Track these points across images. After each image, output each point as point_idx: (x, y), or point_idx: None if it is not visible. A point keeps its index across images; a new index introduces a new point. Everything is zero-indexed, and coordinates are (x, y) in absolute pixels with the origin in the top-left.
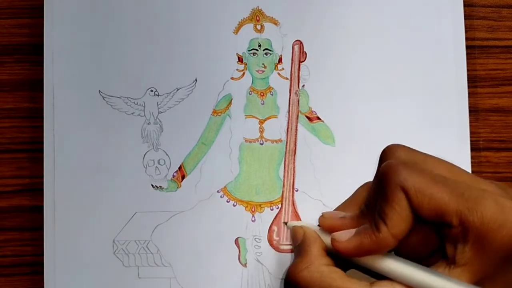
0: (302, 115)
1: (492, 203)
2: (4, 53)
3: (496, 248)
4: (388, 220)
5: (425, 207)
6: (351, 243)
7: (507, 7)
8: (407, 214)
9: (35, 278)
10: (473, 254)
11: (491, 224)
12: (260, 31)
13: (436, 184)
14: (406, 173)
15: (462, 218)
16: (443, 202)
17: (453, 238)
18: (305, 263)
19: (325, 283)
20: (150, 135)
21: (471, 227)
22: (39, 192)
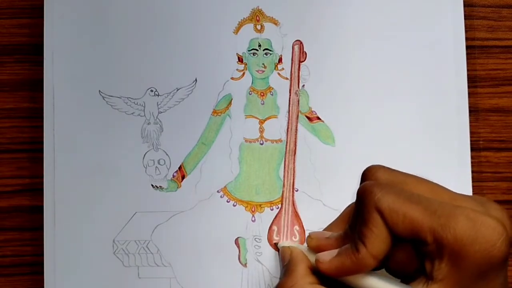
0: (302, 115)
1: (464, 219)
2: (4, 53)
3: (470, 263)
4: (366, 241)
5: (400, 226)
6: (333, 264)
7: (507, 7)
8: (384, 235)
9: (35, 278)
10: (449, 269)
11: (464, 240)
12: (260, 31)
13: (410, 203)
14: (380, 194)
15: (435, 235)
16: (416, 220)
17: (429, 254)
18: (290, 282)
19: None
20: (150, 135)
21: (445, 244)
22: (39, 192)
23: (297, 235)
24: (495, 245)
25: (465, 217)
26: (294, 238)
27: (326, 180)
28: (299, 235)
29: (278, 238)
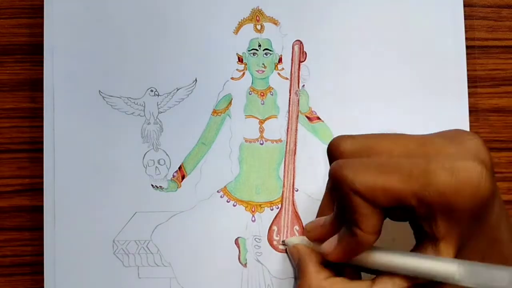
0: (302, 115)
1: (441, 171)
2: (4, 53)
3: (463, 211)
4: (358, 224)
5: (382, 199)
6: (338, 252)
7: (507, 7)
8: (372, 211)
9: (35, 278)
10: (445, 225)
11: (447, 192)
12: (260, 31)
13: (383, 174)
14: (351, 175)
15: (419, 197)
16: (395, 190)
17: (422, 217)
18: (305, 284)
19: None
20: (150, 135)
21: (431, 202)
22: (39, 192)
23: (297, 235)
24: (480, 185)
25: (441, 169)
26: None
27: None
28: (299, 235)
29: (278, 238)
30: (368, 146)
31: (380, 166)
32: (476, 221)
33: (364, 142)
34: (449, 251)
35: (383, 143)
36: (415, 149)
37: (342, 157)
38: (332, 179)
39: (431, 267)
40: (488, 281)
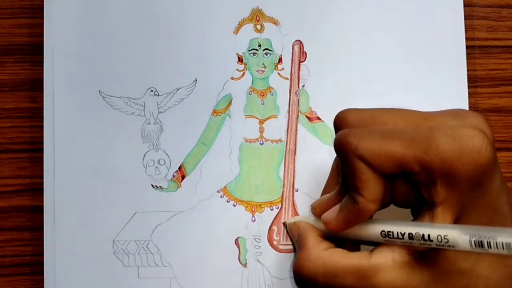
0: (302, 115)
1: (443, 137)
2: (4, 53)
3: (463, 177)
4: (360, 191)
5: (385, 165)
6: (339, 220)
7: (507, 7)
8: (374, 178)
9: (35, 278)
10: (445, 190)
11: (449, 157)
12: (260, 31)
13: (386, 140)
14: (356, 141)
15: (421, 162)
16: (398, 155)
17: (423, 183)
18: (305, 255)
19: (329, 267)
20: (150, 135)
21: (433, 167)
22: (39, 192)
23: None
24: (480, 152)
25: (443, 136)
26: None
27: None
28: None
29: (278, 238)
30: (373, 117)
31: (384, 132)
32: (477, 189)
33: (369, 114)
34: (446, 216)
35: (388, 116)
36: (419, 122)
37: (347, 127)
38: (336, 147)
39: (428, 233)
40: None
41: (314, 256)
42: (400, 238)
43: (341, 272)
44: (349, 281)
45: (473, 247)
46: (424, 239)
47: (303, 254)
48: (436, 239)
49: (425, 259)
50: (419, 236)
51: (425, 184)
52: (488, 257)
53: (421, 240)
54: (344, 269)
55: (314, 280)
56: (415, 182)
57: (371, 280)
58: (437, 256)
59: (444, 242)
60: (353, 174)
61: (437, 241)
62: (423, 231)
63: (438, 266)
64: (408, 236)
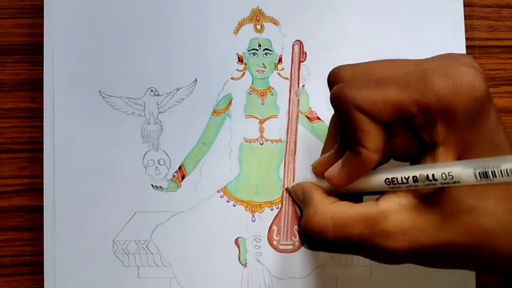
0: (302, 115)
1: (437, 77)
2: (4, 53)
3: (461, 114)
4: (361, 142)
5: (383, 112)
6: (342, 175)
7: (507, 7)
8: (374, 128)
9: (35, 278)
10: (445, 129)
11: (446, 95)
12: (260, 31)
13: (382, 87)
14: (352, 92)
15: (419, 103)
16: (395, 100)
17: (423, 126)
18: (312, 210)
19: (337, 218)
20: (150, 135)
21: (431, 107)
22: (39, 192)
23: (297, 235)
24: (475, 86)
25: (438, 75)
26: (294, 238)
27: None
28: (299, 235)
29: (278, 238)
30: (366, 70)
31: (379, 81)
32: (475, 125)
33: (362, 68)
34: (448, 156)
35: (381, 67)
36: (412, 69)
37: (341, 82)
38: (333, 101)
39: (432, 172)
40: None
41: (321, 210)
42: (404, 183)
43: (350, 221)
44: (358, 229)
45: (478, 179)
46: (428, 180)
47: (310, 210)
48: (441, 177)
49: (431, 201)
50: (424, 178)
51: (425, 126)
52: (493, 194)
53: (425, 181)
54: (352, 218)
55: (323, 234)
56: (415, 128)
57: (379, 225)
58: (442, 196)
59: (449, 179)
60: (353, 126)
61: (442, 179)
62: (427, 171)
63: (444, 206)
64: (413, 179)
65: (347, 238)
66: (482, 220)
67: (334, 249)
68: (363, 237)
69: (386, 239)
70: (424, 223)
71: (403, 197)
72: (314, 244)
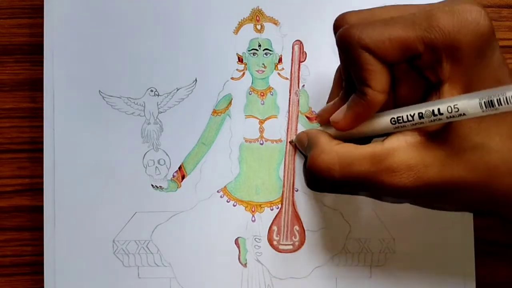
0: (302, 115)
1: (442, 14)
2: (4, 53)
3: (466, 49)
4: (368, 82)
5: (390, 51)
6: (348, 117)
7: (507, 7)
8: (381, 68)
9: (35, 278)
10: (451, 65)
11: (451, 31)
12: (260, 31)
13: (388, 26)
14: (359, 32)
15: (425, 41)
16: (401, 38)
17: (429, 64)
18: (318, 150)
19: (343, 157)
20: (150, 135)
21: (437, 43)
22: (39, 192)
23: (297, 235)
24: (480, 23)
25: (442, 12)
26: (294, 238)
27: None
28: (299, 235)
29: (278, 238)
30: (372, 15)
31: (385, 21)
32: (480, 61)
33: (368, 13)
34: (453, 92)
35: (386, 12)
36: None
37: None
38: (339, 42)
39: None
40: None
41: (328, 149)
42: (410, 120)
43: (356, 160)
44: (364, 167)
45: (484, 109)
46: (434, 115)
47: (316, 150)
48: (447, 110)
49: (437, 138)
50: (429, 113)
51: (430, 65)
52: (499, 132)
53: (431, 117)
54: (358, 156)
55: (329, 172)
56: (420, 69)
57: (385, 162)
58: (449, 134)
59: (455, 112)
60: (359, 66)
61: (448, 113)
62: (432, 107)
63: (451, 143)
64: (418, 116)
65: (353, 176)
66: (488, 157)
67: (339, 188)
68: (369, 174)
69: (392, 175)
70: (431, 160)
71: (409, 135)
72: (319, 184)
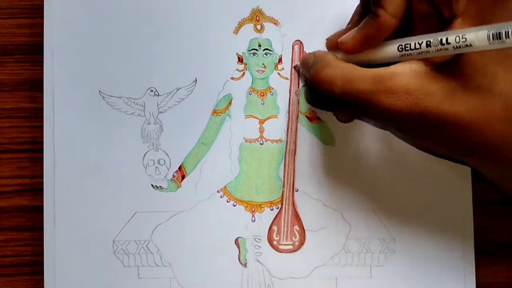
0: (302, 115)
1: None
2: (4, 53)
3: None
4: (382, 2)
5: None
6: (356, 39)
7: None
8: None
9: (35, 278)
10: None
11: None
12: (260, 31)
13: None
14: None
15: None
16: None
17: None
18: (323, 64)
19: (346, 73)
20: (150, 135)
21: None
22: (39, 192)
23: (297, 235)
24: None
25: None
26: (294, 238)
27: (326, 180)
28: (299, 235)
29: (278, 238)
30: None
31: None
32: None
33: None
34: (464, 26)
35: None
36: None
37: None
38: None
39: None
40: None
41: (333, 64)
42: (417, 48)
43: (358, 77)
44: (365, 85)
45: (491, 41)
46: (441, 44)
47: (321, 64)
48: (454, 40)
49: (442, 70)
50: (437, 42)
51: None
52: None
53: (438, 45)
54: (361, 75)
55: (331, 85)
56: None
57: (386, 83)
58: (454, 69)
59: (462, 42)
60: None
61: (455, 43)
62: (441, 36)
63: (455, 79)
64: (426, 44)
65: (353, 92)
66: (490, 101)
67: (338, 104)
68: (368, 93)
69: (389, 96)
70: (431, 89)
71: (415, 63)
72: (319, 97)
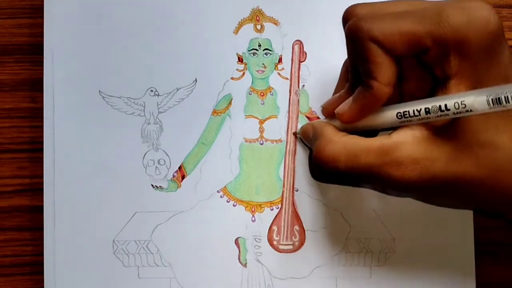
0: (302, 115)
1: (452, 10)
2: (4, 53)
3: (475, 46)
4: (374, 75)
5: (398, 44)
6: (353, 110)
7: (507, 7)
8: (388, 60)
9: (35, 278)
10: (458, 61)
11: (460, 27)
12: (260, 31)
13: (398, 20)
14: (368, 25)
15: (434, 35)
16: (411, 31)
17: (436, 59)
18: (324, 141)
19: (349, 148)
20: (150, 135)
21: (446, 39)
22: (39, 192)
23: (297, 235)
24: (489, 21)
25: (452, 8)
26: (294, 238)
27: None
28: (299, 235)
29: (278, 238)
30: (382, 7)
31: (395, 14)
32: (488, 59)
33: (378, 6)
34: (460, 88)
35: (397, 5)
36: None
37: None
38: (348, 33)
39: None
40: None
41: (334, 140)
42: (416, 115)
43: (363, 151)
44: (370, 159)
45: (491, 106)
46: (441, 110)
47: (322, 141)
48: (453, 106)
49: (445, 133)
50: (436, 108)
51: (438, 61)
52: (507, 130)
53: (438, 112)
54: (365, 148)
55: (335, 163)
56: (428, 64)
57: (392, 155)
58: (456, 130)
59: (462, 108)
60: (366, 59)
61: (455, 109)
62: (439, 102)
63: (458, 139)
64: (425, 111)
65: (359, 167)
66: (495, 154)
67: (344, 180)
68: (375, 166)
69: (397, 169)
70: (437, 154)
71: (416, 129)
72: (324, 174)
